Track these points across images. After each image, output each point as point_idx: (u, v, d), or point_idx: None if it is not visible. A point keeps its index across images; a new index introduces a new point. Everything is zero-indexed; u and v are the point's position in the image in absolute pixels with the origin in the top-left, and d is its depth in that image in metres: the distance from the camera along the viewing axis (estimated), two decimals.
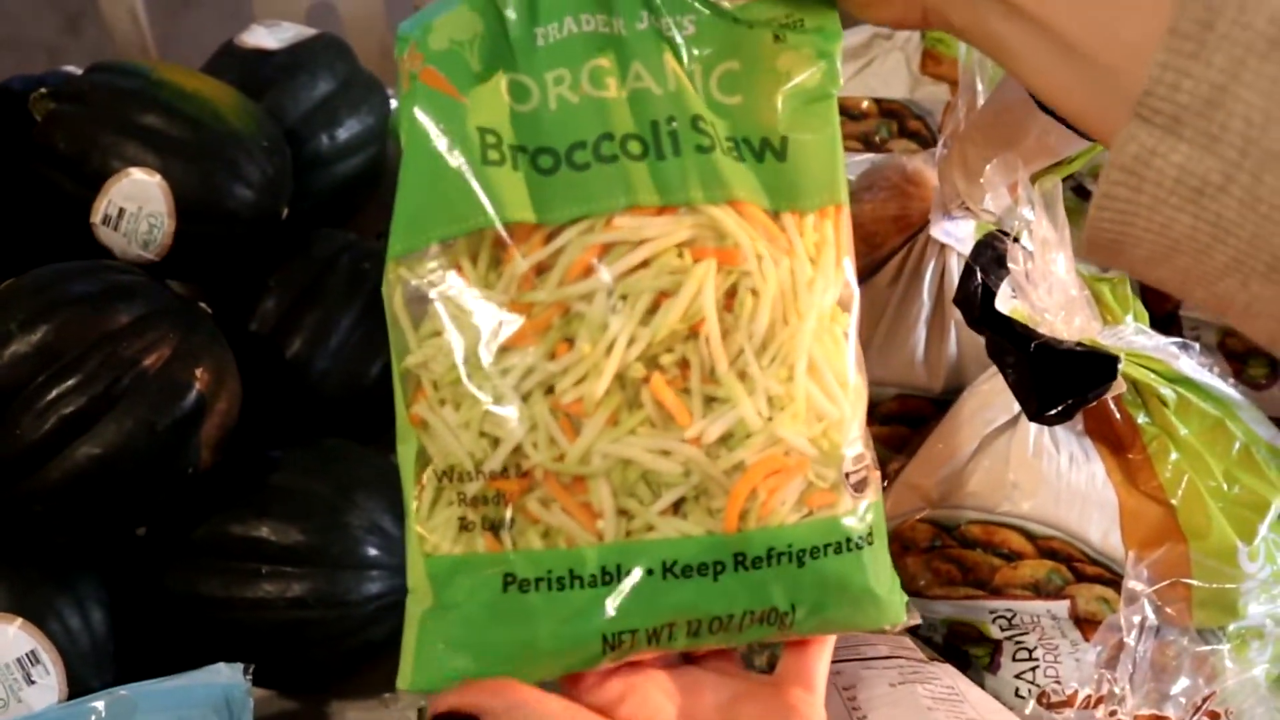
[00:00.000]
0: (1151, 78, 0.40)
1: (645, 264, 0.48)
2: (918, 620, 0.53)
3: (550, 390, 0.48)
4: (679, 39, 0.50)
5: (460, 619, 0.48)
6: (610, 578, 0.47)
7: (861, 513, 0.50)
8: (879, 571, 0.51)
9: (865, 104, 0.91)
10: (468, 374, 0.48)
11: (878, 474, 0.52)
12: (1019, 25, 0.44)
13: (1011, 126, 0.63)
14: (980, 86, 0.69)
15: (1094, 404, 0.67)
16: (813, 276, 0.50)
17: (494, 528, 0.48)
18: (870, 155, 0.88)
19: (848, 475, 0.50)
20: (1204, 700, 0.66)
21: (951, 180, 0.68)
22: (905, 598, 0.52)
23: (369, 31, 1.20)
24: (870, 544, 0.51)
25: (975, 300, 0.66)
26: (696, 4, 0.50)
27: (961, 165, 0.68)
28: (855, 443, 0.51)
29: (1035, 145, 0.62)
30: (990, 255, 0.66)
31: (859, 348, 0.53)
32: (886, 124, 0.90)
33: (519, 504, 0.48)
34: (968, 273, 0.66)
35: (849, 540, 0.50)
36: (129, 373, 0.63)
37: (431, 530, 0.49)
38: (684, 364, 0.48)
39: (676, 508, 0.48)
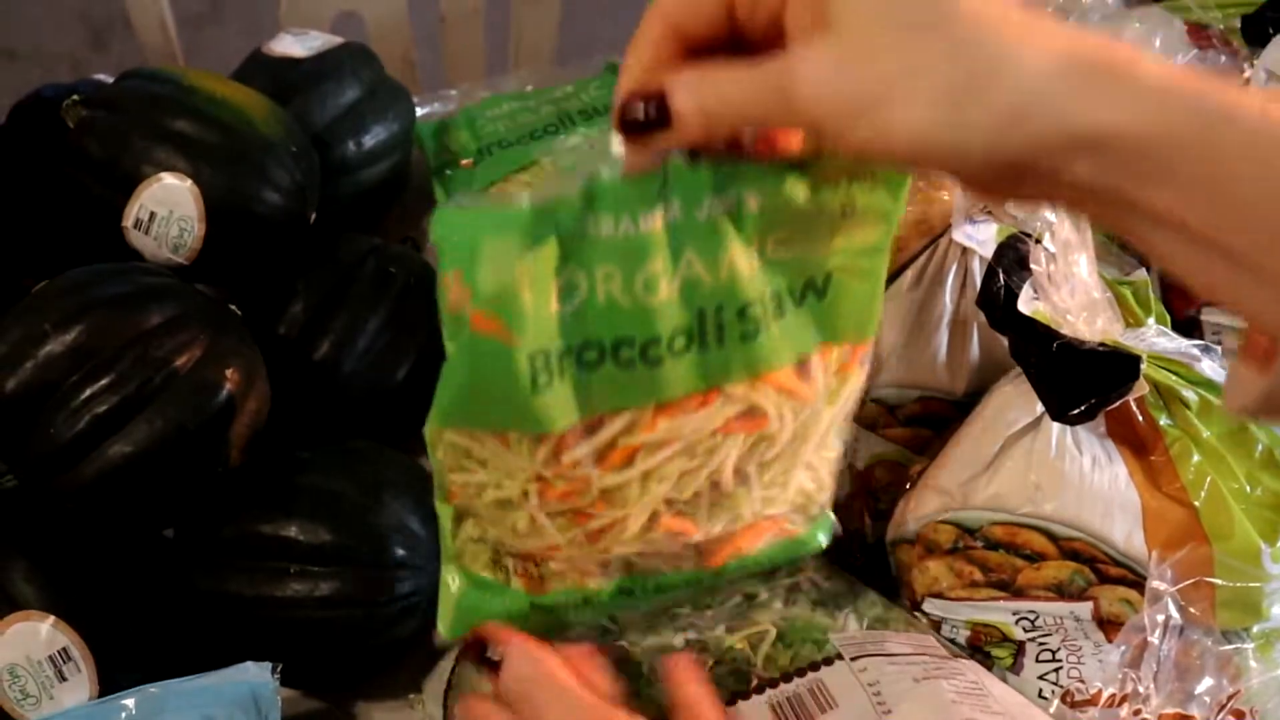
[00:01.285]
0: None
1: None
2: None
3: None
4: (743, 214, 0.47)
5: (490, 614, 0.57)
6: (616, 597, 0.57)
7: (816, 529, 0.58)
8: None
9: None
10: (507, 504, 0.52)
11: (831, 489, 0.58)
12: (1176, 236, 0.38)
13: None
14: None
15: (1116, 406, 0.67)
16: (828, 416, 0.53)
17: (524, 573, 0.56)
18: None
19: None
20: (1229, 699, 0.66)
21: None
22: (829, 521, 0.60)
23: (393, 41, 1.21)
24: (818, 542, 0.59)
25: (998, 302, 0.66)
26: (767, 187, 0.46)
27: None
28: (826, 490, 0.57)
29: None
30: (1012, 257, 0.66)
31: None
32: None
33: (544, 567, 0.55)
34: (990, 275, 0.66)
35: (804, 545, 0.58)
36: (160, 373, 0.64)
37: (464, 553, 0.57)
38: (697, 495, 0.52)
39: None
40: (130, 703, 0.63)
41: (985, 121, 0.37)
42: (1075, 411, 0.64)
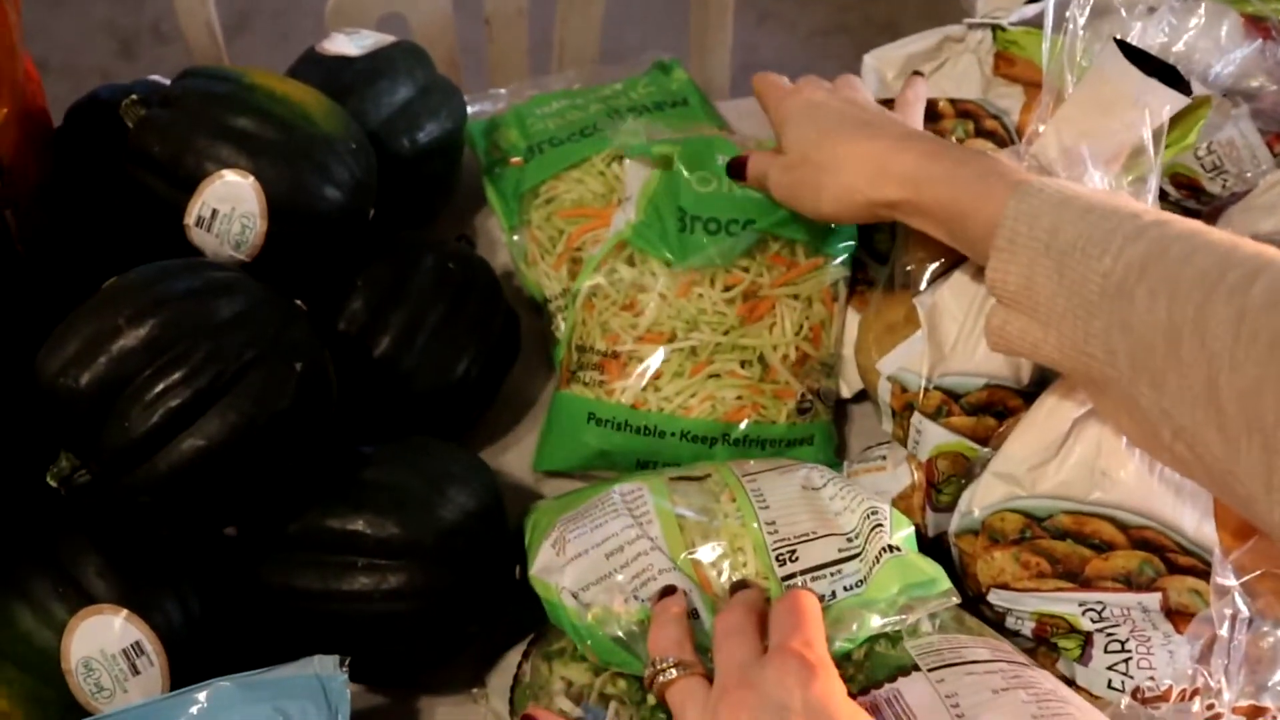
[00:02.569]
0: (991, 276, 0.64)
1: None
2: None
3: None
4: None
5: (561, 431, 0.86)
6: (649, 432, 0.83)
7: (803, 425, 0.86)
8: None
9: (941, 104, 0.91)
10: None
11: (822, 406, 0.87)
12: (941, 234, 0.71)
13: (1113, 99, 0.67)
14: (1070, 77, 0.70)
15: None
16: None
17: (591, 383, 0.85)
18: None
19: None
20: None
21: (1049, 163, 0.69)
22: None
23: (437, 43, 1.22)
24: (811, 444, 0.86)
25: None
26: None
27: (1058, 147, 0.69)
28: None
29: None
30: None
31: None
32: (963, 124, 0.90)
33: (608, 384, 0.84)
34: None
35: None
36: (232, 366, 0.65)
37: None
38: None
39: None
40: (202, 696, 0.63)
41: (851, 203, 0.73)
42: None
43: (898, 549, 0.68)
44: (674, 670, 0.61)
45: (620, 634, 0.65)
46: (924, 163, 0.69)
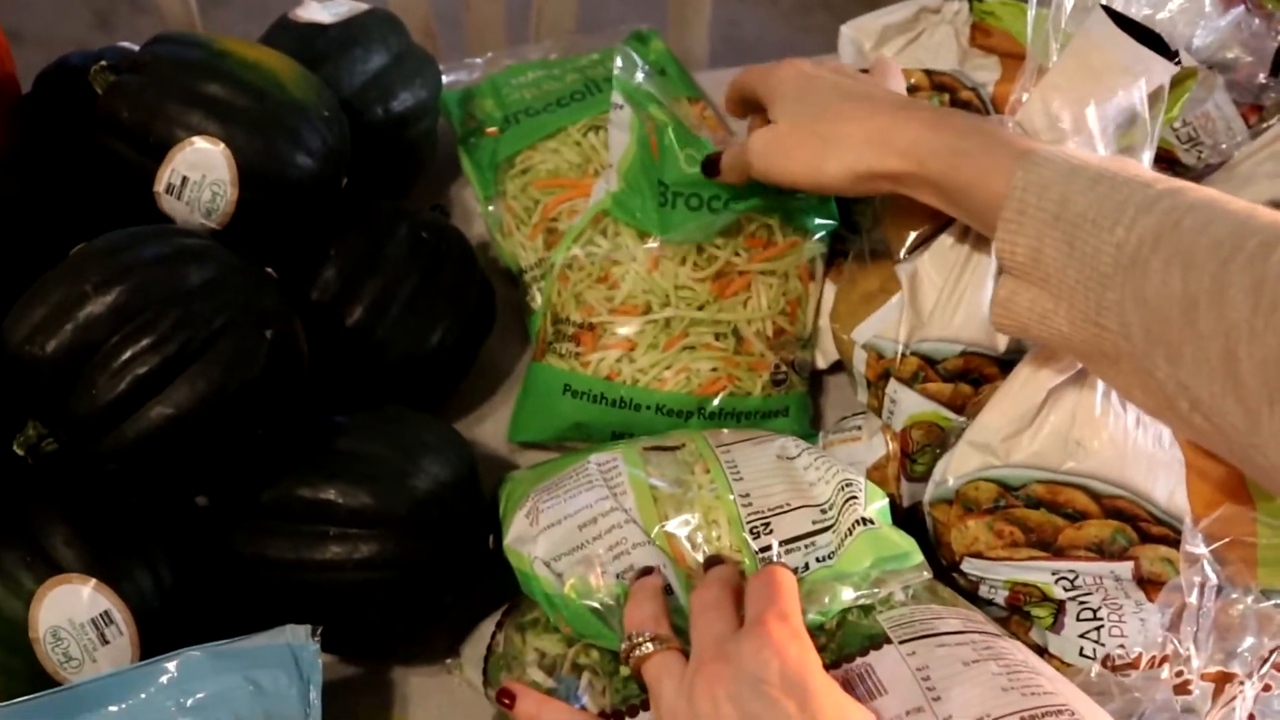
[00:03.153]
0: (998, 247, 0.63)
1: None
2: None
3: None
4: None
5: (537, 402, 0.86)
6: (624, 404, 0.83)
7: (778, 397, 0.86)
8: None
9: (916, 76, 0.91)
10: None
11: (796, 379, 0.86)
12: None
13: (1103, 66, 0.68)
14: (1054, 45, 0.70)
15: None
16: None
17: (567, 355, 0.85)
18: None
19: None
20: (1270, 653, 0.65)
21: (1034, 131, 0.69)
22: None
23: (413, 13, 1.21)
24: (786, 415, 0.87)
25: None
26: None
27: (1044, 114, 0.68)
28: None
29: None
30: None
31: None
32: (939, 96, 0.90)
33: (584, 355, 0.84)
34: None
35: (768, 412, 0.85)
36: (202, 333, 0.64)
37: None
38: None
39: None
40: (172, 665, 0.63)
41: (852, 175, 0.71)
42: None
43: (871, 522, 0.68)
44: (650, 645, 0.61)
45: (597, 605, 0.65)
46: (926, 134, 0.67)
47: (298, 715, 0.63)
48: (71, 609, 0.64)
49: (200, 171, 0.74)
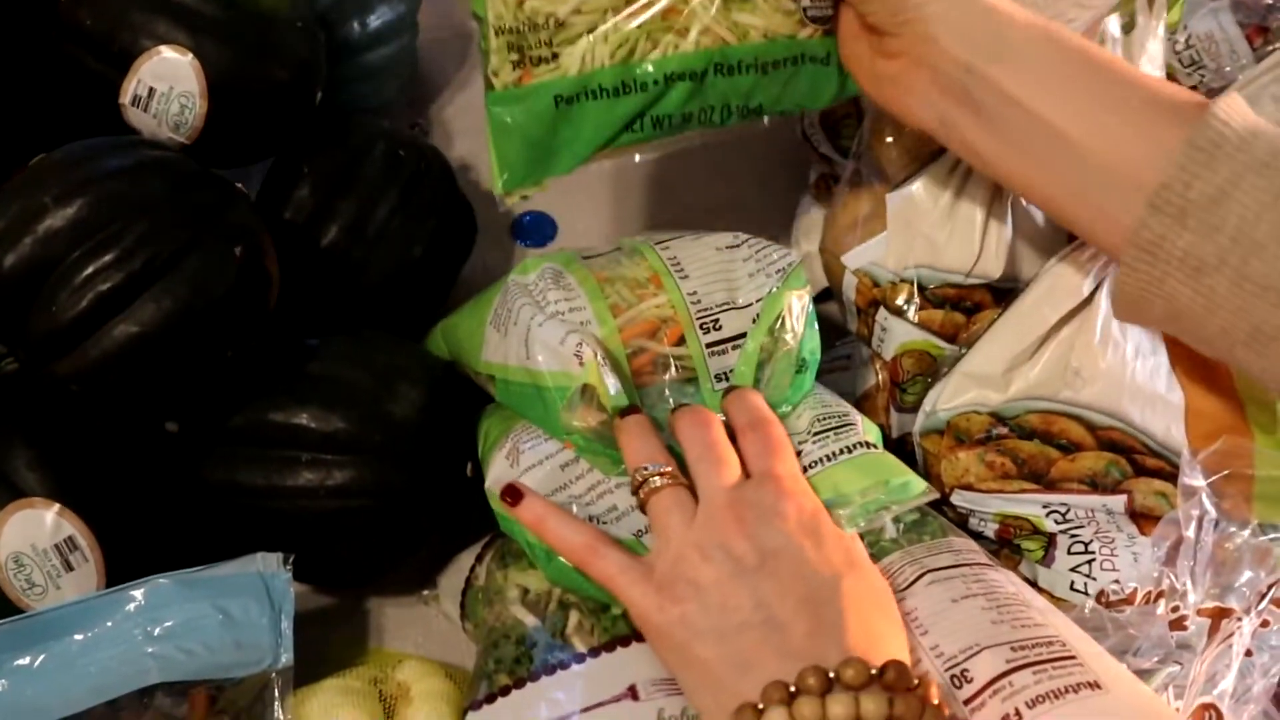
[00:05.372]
0: (1170, 175, 0.54)
1: None
2: None
3: None
4: None
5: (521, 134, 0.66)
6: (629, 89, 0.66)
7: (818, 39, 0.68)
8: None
9: None
10: None
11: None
12: (1030, 134, 0.59)
13: None
14: None
15: None
16: None
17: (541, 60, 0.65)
18: None
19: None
20: (1269, 588, 0.64)
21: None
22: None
23: None
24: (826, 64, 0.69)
25: None
26: None
27: None
28: None
29: None
30: None
31: None
32: None
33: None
34: None
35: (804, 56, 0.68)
36: (167, 248, 0.62)
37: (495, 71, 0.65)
38: None
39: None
40: (139, 593, 0.62)
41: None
42: None
43: (873, 446, 0.65)
44: (659, 479, 0.59)
45: None
46: (1058, 28, 0.60)
47: (269, 644, 0.62)
48: (34, 534, 0.62)
49: (168, 83, 0.71)
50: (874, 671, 0.51)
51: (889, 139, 0.77)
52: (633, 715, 0.59)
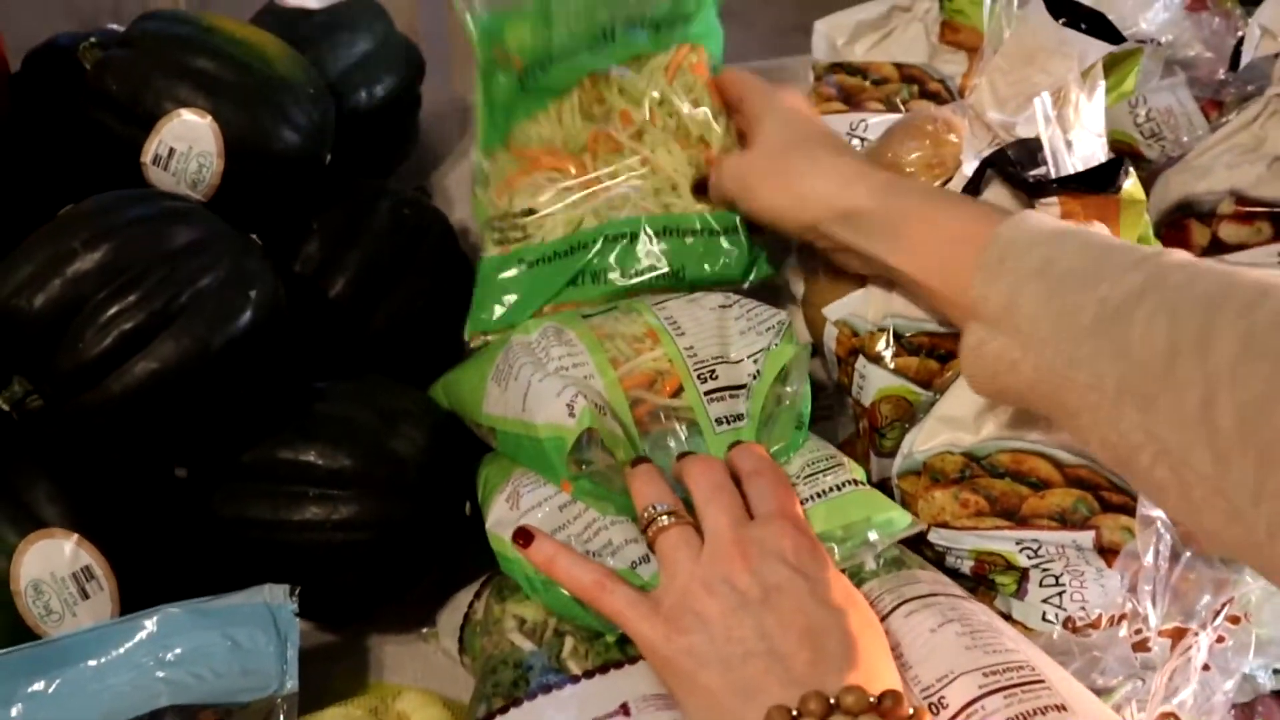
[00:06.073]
0: (972, 295, 0.65)
1: None
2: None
3: None
4: None
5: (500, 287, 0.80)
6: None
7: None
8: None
9: (887, 68, 0.93)
10: None
11: None
12: (873, 267, 0.76)
13: (1035, 48, 0.71)
14: (1007, 31, 0.72)
15: None
16: None
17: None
18: (891, 116, 0.90)
19: None
20: (1223, 606, 0.67)
21: (983, 111, 0.71)
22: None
23: (399, 12, 1.22)
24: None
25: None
26: None
27: (992, 94, 0.71)
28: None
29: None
30: (1024, 150, 0.69)
31: None
32: (908, 87, 0.92)
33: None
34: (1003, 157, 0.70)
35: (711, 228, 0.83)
36: (186, 291, 0.65)
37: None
38: None
39: None
40: (151, 621, 0.64)
41: (807, 207, 0.76)
42: None
43: (861, 483, 0.70)
44: (666, 518, 0.63)
45: None
46: (899, 180, 0.74)
47: (274, 671, 0.64)
48: (53, 563, 0.65)
49: (187, 143, 0.76)
50: (873, 699, 0.54)
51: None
52: None
